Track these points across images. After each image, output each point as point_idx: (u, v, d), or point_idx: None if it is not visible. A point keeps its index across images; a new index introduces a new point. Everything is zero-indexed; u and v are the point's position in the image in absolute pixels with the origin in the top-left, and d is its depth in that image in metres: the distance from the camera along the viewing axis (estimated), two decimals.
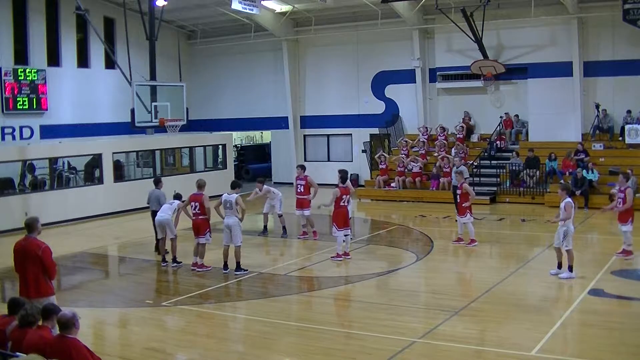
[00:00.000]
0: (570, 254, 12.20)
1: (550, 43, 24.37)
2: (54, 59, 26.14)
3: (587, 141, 23.20)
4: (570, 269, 12.17)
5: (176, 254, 14.20)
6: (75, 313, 6.64)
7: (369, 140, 28.27)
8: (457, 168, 18.72)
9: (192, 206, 13.72)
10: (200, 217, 13.62)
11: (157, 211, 14.70)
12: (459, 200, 15.86)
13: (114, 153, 22.92)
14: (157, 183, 15.66)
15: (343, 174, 14.84)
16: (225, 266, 13.50)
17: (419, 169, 24.20)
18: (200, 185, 13.78)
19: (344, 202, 14.36)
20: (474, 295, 11.45)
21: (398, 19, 26.10)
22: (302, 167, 17.39)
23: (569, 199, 12.32)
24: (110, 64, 27.14)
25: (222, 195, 13.76)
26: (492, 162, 23.97)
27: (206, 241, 13.73)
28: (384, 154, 25.31)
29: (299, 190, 16.87)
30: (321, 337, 9.56)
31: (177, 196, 14.81)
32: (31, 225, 8.57)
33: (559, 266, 12.39)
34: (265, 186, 17.50)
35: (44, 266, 8.41)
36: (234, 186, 13.73)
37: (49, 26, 25.85)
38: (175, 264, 14.14)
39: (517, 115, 25.01)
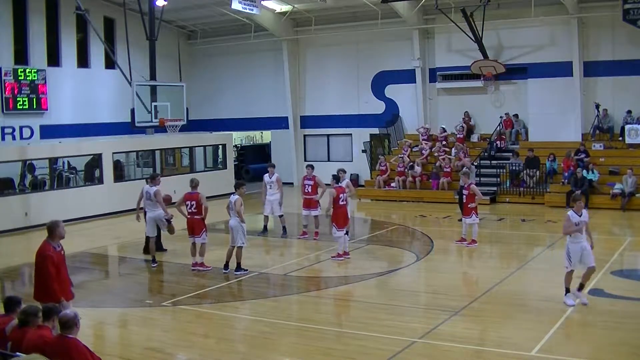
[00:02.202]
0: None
1: (550, 43, 24.37)
2: (54, 59, 26.15)
3: (587, 141, 23.21)
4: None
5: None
6: (77, 313, 6.65)
7: (369, 140, 28.27)
8: (465, 169, 18.64)
9: (187, 205, 13.71)
10: (195, 216, 13.61)
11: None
12: (465, 201, 15.85)
13: (114, 153, 22.90)
14: (147, 181, 15.69)
15: (335, 176, 14.97)
16: (226, 266, 13.49)
17: (419, 174, 24.11)
18: (196, 184, 13.81)
19: (342, 201, 14.36)
20: (474, 295, 11.46)
21: (398, 19, 26.10)
22: (312, 167, 17.42)
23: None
24: (110, 64, 27.15)
25: (230, 195, 13.81)
26: (492, 162, 23.97)
27: (203, 240, 13.69)
28: (386, 162, 25.19)
29: (306, 190, 16.87)
30: (321, 337, 9.56)
31: (153, 177, 14.75)
32: (47, 229, 8.52)
33: (581, 287, 10.62)
34: (276, 174, 17.45)
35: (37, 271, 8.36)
36: (237, 187, 13.76)
37: (49, 26, 25.85)
38: (155, 264, 14.19)
39: (516, 115, 25.00)
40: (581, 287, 10.56)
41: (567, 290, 10.56)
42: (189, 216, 13.69)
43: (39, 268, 8.36)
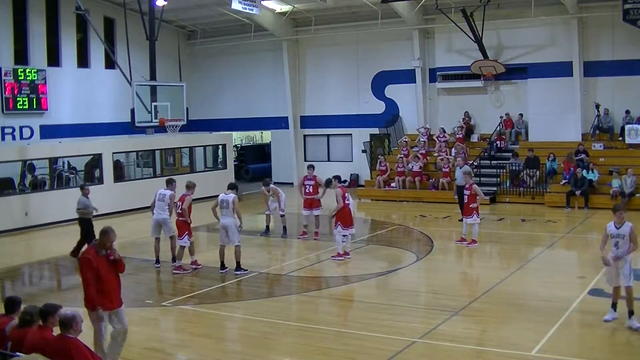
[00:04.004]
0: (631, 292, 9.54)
1: (550, 43, 24.37)
2: (54, 59, 26.15)
3: (587, 141, 23.21)
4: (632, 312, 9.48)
5: (175, 253, 14.15)
6: (78, 314, 6.63)
7: (369, 140, 28.27)
8: (461, 168, 18.64)
9: (177, 205, 13.87)
10: (180, 218, 13.69)
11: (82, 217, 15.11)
12: (466, 201, 15.83)
13: (114, 153, 22.91)
14: (82, 188, 15.89)
15: (332, 180, 15.00)
16: (222, 266, 13.48)
17: (419, 168, 24.18)
18: (188, 186, 13.89)
19: (347, 200, 14.40)
20: (474, 295, 11.46)
21: (398, 19, 26.11)
22: (313, 167, 17.50)
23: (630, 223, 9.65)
24: (110, 64, 27.15)
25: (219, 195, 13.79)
26: (492, 162, 23.96)
27: (182, 243, 13.67)
28: (386, 162, 25.20)
29: (307, 190, 16.88)
30: (321, 337, 9.56)
31: (170, 182, 14.69)
32: (99, 233, 8.19)
33: (615, 307, 9.72)
34: (272, 185, 17.51)
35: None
36: (231, 187, 13.75)
37: (49, 26, 25.86)
38: (175, 264, 14.10)
39: (521, 114, 24.93)
40: (613, 306, 9.72)
41: (612, 305, 9.67)
42: (177, 216, 13.84)
43: (80, 272, 8.13)
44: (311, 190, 16.82)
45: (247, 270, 13.39)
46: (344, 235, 14.40)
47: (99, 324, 7.97)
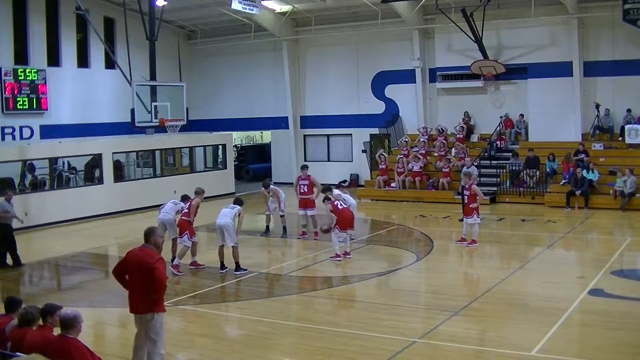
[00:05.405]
0: None
1: (550, 43, 24.36)
2: (54, 59, 26.13)
3: (587, 141, 23.20)
4: None
5: (176, 253, 14.17)
6: (79, 314, 6.63)
7: (369, 140, 28.26)
8: (466, 169, 18.66)
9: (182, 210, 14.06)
10: (183, 217, 13.80)
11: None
12: (466, 201, 15.84)
13: (114, 153, 22.90)
14: (6, 193, 15.83)
15: (325, 195, 15.11)
16: (222, 266, 13.49)
17: (419, 168, 24.18)
18: (197, 192, 14.06)
19: (340, 206, 14.42)
20: (474, 295, 11.46)
21: (398, 19, 26.10)
22: (307, 167, 17.60)
23: None
24: (110, 64, 27.14)
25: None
26: (492, 162, 23.95)
27: (182, 242, 13.70)
28: (383, 153, 25.27)
29: (302, 190, 16.92)
30: (321, 337, 9.55)
31: (184, 197, 14.82)
32: (146, 235, 7.97)
33: None
34: (272, 186, 17.53)
35: (153, 279, 7.82)
36: (236, 202, 13.88)
37: (49, 26, 25.84)
38: (173, 262, 14.12)
39: (521, 115, 24.90)
40: None
41: None
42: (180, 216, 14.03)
43: (148, 274, 7.78)
44: (306, 190, 16.87)
45: (246, 270, 13.39)
46: (344, 237, 14.41)
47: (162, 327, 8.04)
